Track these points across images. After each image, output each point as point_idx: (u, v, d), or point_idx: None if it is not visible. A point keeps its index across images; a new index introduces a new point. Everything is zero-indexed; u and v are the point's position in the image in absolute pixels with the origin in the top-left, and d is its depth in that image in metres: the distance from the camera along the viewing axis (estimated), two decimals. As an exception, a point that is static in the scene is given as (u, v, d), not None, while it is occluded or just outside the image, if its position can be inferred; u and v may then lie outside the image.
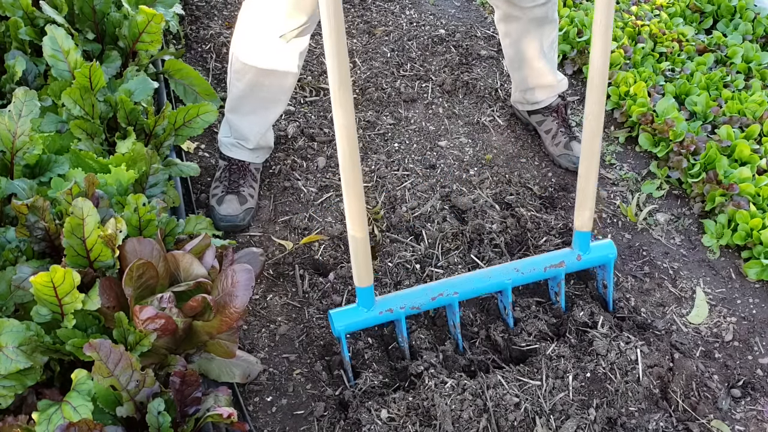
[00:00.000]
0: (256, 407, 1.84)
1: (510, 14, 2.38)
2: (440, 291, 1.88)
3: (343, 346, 1.83)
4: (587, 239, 1.94)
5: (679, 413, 1.83)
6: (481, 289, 1.94)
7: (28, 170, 1.80)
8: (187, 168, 2.09)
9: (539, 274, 1.97)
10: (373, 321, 1.85)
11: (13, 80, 2.02)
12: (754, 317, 2.09)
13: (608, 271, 2.02)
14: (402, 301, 1.86)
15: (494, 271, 1.95)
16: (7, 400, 1.37)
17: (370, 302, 1.80)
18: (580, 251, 1.96)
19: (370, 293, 1.79)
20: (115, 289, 1.53)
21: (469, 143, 2.67)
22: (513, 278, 1.93)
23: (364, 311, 1.81)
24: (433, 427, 1.71)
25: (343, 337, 1.81)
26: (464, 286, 1.91)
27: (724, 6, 3.24)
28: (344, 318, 1.82)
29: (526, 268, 1.94)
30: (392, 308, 1.84)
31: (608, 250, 2.00)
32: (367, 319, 1.83)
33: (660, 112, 2.60)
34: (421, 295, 1.88)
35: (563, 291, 2.02)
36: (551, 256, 1.99)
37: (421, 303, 1.87)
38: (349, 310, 1.83)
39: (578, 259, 1.97)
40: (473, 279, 1.94)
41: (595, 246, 1.98)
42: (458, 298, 1.89)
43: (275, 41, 2.08)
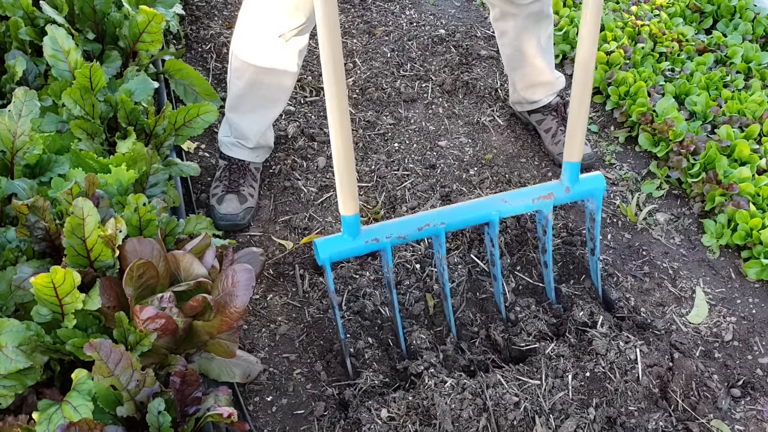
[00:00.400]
0: (256, 407, 1.84)
1: (506, 12, 2.39)
2: (427, 221, 1.84)
3: (329, 276, 1.80)
4: (576, 171, 1.90)
5: (678, 413, 1.83)
6: (468, 221, 1.90)
7: (28, 170, 1.81)
8: (187, 168, 2.09)
9: (527, 205, 1.92)
10: (358, 250, 1.81)
11: (14, 80, 2.02)
12: (754, 317, 2.09)
13: (596, 205, 1.97)
14: (388, 230, 1.82)
15: (481, 203, 1.91)
16: (7, 399, 1.37)
17: (356, 231, 1.77)
18: (569, 183, 1.92)
19: (355, 222, 1.75)
20: (115, 289, 1.54)
21: (469, 143, 2.67)
22: (500, 210, 1.88)
23: (349, 240, 1.77)
24: (433, 426, 1.71)
25: (328, 266, 1.78)
26: (451, 217, 1.86)
27: (724, 6, 3.24)
28: (329, 247, 1.77)
29: (513, 199, 1.90)
30: (378, 238, 1.80)
31: (597, 182, 1.96)
32: (353, 248, 1.79)
33: (660, 112, 2.60)
34: (408, 225, 1.84)
35: (551, 226, 1.97)
36: (539, 188, 1.94)
37: (407, 233, 1.83)
38: (335, 238, 1.79)
39: (567, 191, 1.93)
40: (460, 210, 1.89)
41: (585, 178, 1.94)
42: (445, 229, 1.85)
43: (275, 40, 2.08)
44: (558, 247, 2.21)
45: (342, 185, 1.68)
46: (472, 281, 2.11)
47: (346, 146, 1.63)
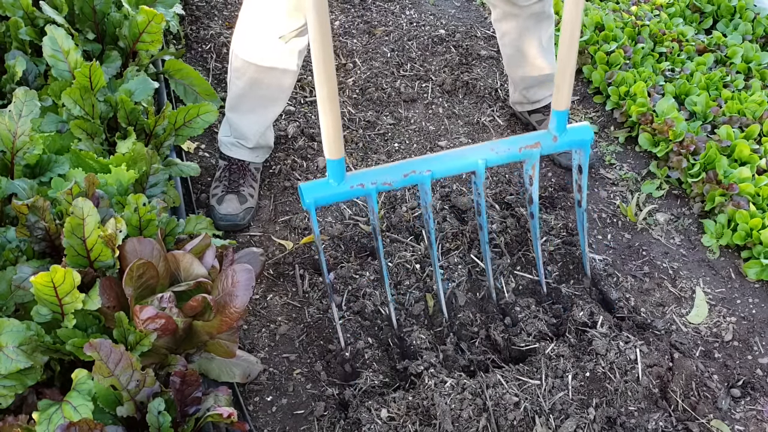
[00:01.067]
0: (256, 407, 1.84)
1: (508, 12, 2.38)
2: (413, 168, 1.83)
3: (313, 219, 1.80)
4: (564, 119, 1.87)
5: (678, 413, 1.83)
6: (455, 168, 1.89)
7: (28, 170, 1.81)
8: (187, 168, 2.09)
9: (514, 154, 1.89)
10: (343, 195, 1.81)
11: (14, 80, 2.02)
12: (754, 317, 2.09)
13: (584, 155, 1.95)
14: (373, 176, 1.81)
15: (468, 151, 1.89)
16: (7, 399, 1.37)
17: (341, 176, 1.76)
18: (556, 132, 1.89)
19: (340, 167, 1.74)
20: (115, 289, 1.54)
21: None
22: (487, 158, 1.86)
23: (334, 185, 1.77)
24: (433, 426, 1.71)
25: (312, 210, 1.78)
26: (437, 165, 1.85)
27: (724, 6, 3.24)
28: (314, 191, 1.77)
29: (500, 148, 1.88)
30: (363, 183, 1.80)
31: (585, 132, 1.92)
32: (338, 193, 1.79)
33: (660, 112, 2.60)
34: (394, 171, 1.83)
35: (537, 175, 1.95)
36: (527, 137, 1.92)
37: (392, 180, 1.82)
38: (320, 183, 1.79)
39: (554, 140, 1.90)
40: (447, 157, 1.87)
41: (572, 128, 1.91)
42: (431, 177, 1.83)
43: (275, 40, 2.08)
44: (558, 247, 2.21)
45: (327, 130, 1.68)
46: (472, 281, 2.11)
47: (331, 92, 1.63)
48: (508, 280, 2.12)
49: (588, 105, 2.90)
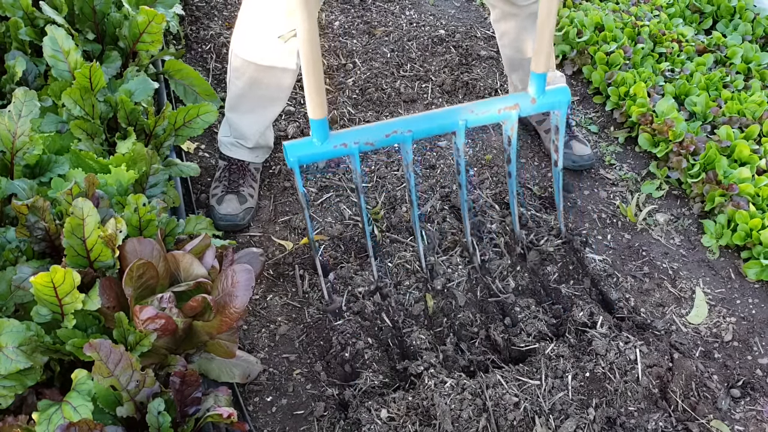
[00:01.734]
0: (256, 407, 1.84)
1: (507, 12, 2.39)
2: (394, 128, 1.88)
3: (297, 177, 1.87)
4: (543, 82, 1.93)
5: (678, 413, 1.83)
6: (436, 128, 1.94)
7: (28, 170, 1.81)
8: (187, 168, 2.09)
9: (493, 116, 1.95)
10: (327, 154, 1.86)
11: (14, 80, 2.02)
12: (754, 317, 2.09)
13: (561, 116, 2.01)
14: (356, 136, 1.86)
15: (449, 112, 1.94)
16: (7, 400, 1.37)
17: (324, 135, 1.81)
18: (535, 95, 1.95)
19: (324, 126, 1.79)
20: (115, 289, 1.54)
21: (469, 143, 2.67)
22: (467, 119, 1.91)
23: (318, 144, 1.82)
24: (433, 426, 1.71)
25: (296, 168, 1.84)
26: (418, 125, 1.90)
27: (724, 6, 3.24)
28: (298, 149, 1.83)
29: (480, 109, 1.93)
30: (346, 143, 1.85)
31: (562, 94, 1.98)
32: (321, 152, 1.84)
33: (660, 113, 2.60)
34: (376, 131, 1.88)
35: (516, 136, 2.02)
36: (506, 98, 1.98)
37: (375, 139, 1.87)
38: (304, 141, 1.84)
39: (533, 102, 1.96)
40: (427, 118, 1.93)
41: (550, 90, 1.96)
42: (412, 137, 1.88)
43: (274, 40, 2.08)
44: (558, 248, 2.21)
45: (310, 91, 1.74)
46: (471, 282, 2.11)
47: (314, 55, 1.67)
48: (507, 281, 2.12)
49: (588, 105, 2.90)
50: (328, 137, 1.83)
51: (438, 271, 2.11)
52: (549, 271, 2.16)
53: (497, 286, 2.11)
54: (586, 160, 2.55)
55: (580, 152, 2.55)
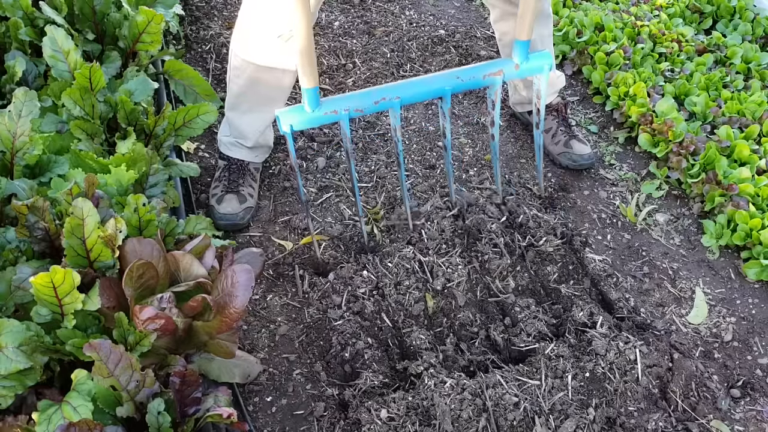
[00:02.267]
0: (256, 407, 1.84)
1: (507, 12, 2.38)
2: (383, 95, 1.96)
3: (290, 144, 1.95)
4: (526, 48, 2.01)
5: (678, 413, 1.83)
6: (422, 94, 2.04)
7: (28, 170, 1.81)
8: (187, 168, 2.09)
9: (478, 81, 2.05)
10: (318, 120, 1.93)
11: (13, 80, 2.02)
12: (754, 317, 2.09)
13: (543, 81, 2.10)
14: (346, 103, 1.93)
15: (435, 78, 2.02)
16: (7, 400, 1.37)
17: (315, 103, 1.88)
18: (518, 61, 2.04)
19: (315, 94, 1.86)
20: (115, 289, 1.54)
21: (469, 143, 2.67)
22: (453, 84, 2.00)
23: (309, 111, 1.89)
24: (433, 426, 1.71)
25: (289, 135, 1.92)
26: (406, 91, 1.98)
27: (724, 6, 3.24)
28: (290, 116, 1.89)
29: (465, 75, 2.02)
30: (336, 110, 1.92)
31: (544, 59, 2.07)
32: (312, 118, 1.91)
33: (659, 113, 2.60)
34: (364, 98, 1.96)
35: (499, 100, 2.11)
36: (490, 64, 2.06)
37: (364, 106, 1.95)
38: (295, 108, 1.90)
39: (516, 68, 2.05)
40: (415, 84, 2.01)
41: (533, 55, 2.05)
42: (400, 103, 1.97)
43: (274, 40, 2.08)
44: (558, 248, 2.21)
45: (302, 61, 1.79)
46: (471, 282, 2.11)
47: (306, 25, 1.72)
48: (507, 281, 2.12)
49: (588, 105, 2.90)
50: (319, 105, 1.89)
51: (437, 271, 2.11)
52: (549, 271, 2.16)
53: (497, 286, 2.11)
54: (586, 159, 2.55)
55: (581, 151, 2.55)
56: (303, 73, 1.83)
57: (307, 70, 1.81)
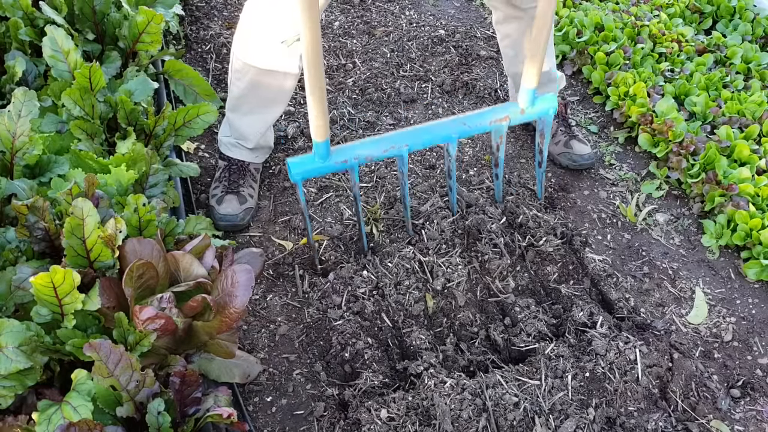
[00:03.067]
0: (256, 407, 1.84)
1: (510, 15, 2.38)
2: (391, 143, 2.00)
3: (300, 192, 1.99)
4: (533, 95, 2.05)
5: (678, 413, 1.83)
6: (430, 141, 2.06)
7: (28, 170, 1.81)
8: (187, 168, 2.09)
9: (484, 127, 2.08)
10: (328, 169, 1.97)
11: (13, 80, 2.02)
12: (754, 317, 2.09)
13: (547, 123, 2.15)
14: (355, 152, 1.97)
15: (442, 125, 2.06)
16: (7, 400, 1.37)
17: (326, 154, 1.92)
18: (524, 106, 2.07)
19: (326, 147, 1.90)
20: (115, 289, 1.54)
21: (468, 143, 2.67)
22: (459, 131, 2.04)
23: (320, 161, 1.93)
24: (433, 426, 1.71)
25: (300, 184, 1.96)
26: (414, 139, 2.02)
27: (724, 6, 3.24)
28: (301, 166, 1.93)
29: (472, 122, 2.05)
30: (347, 159, 1.96)
31: (550, 103, 2.10)
32: (323, 167, 1.95)
33: (659, 113, 2.60)
34: (374, 146, 1.99)
35: (504, 144, 2.17)
36: (496, 110, 2.09)
37: (373, 154, 1.99)
38: (306, 158, 1.94)
39: (521, 113, 2.08)
40: (423, 131, 2.04)
41: (538, 99, 2.08)
42: (408, 150, 2.01)
43: (276, 45, 2.08)
44: (558, 248, 2.21)
45: (315, 114, 1.80)
46: (471, 282, 2.11)
47: (318, 78, 1.72)
48: (507, 281, 2.12)
49: (588, 105, 2.90)
50: (329, 155, 1.92)
51: (437, 271, 2.11)
52: (549, 271, 2.16)
53: (497, 286, 2.11)
54: (586, 159, 2.54)
55: (581, 151, 2.55)
56: (315, 126, 1.83)
57: (319, 123, 1.82)
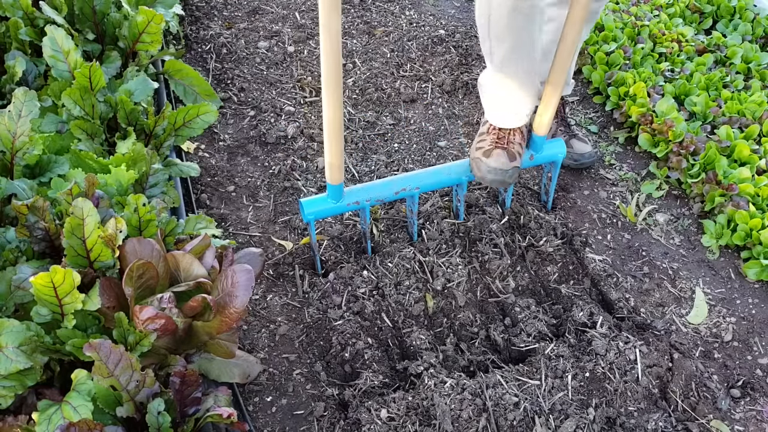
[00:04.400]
0: (256, 407, 1.84)
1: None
2: (403, 186, 2.06)
3: (312, 231, 2.05)
4: (543, 142, 2.11)
5: (678, 413, 1.83)
6: (440, 183, 2.12)
7: (28, 170, 1.81)
8: (187, 168, 2.09)
9: None
10: (340, 210, 2.02)
11: (13, 80, 2.02)
12: (754, 317, 2.09)
13: (556, 167, 2.23)
14: (368, 194, 2.03)
15: (453, 167, 2.12)
16: (7, 400, 1.37)
17: (339, 196, 1.98)
18: (533, 151, 2.15)
19: (339, 189, 1.96)
20: (115, 289, 1.54)
21: (468, 143, 2.67)
22: (469, 174, 2.12)
23: (333, 202, 1.99)
24: (433, 426, 1.71)
25: (312, 224, 2.02)
26: (425, 181, 2.09)
27: (724, 6, 3.24)
28: (314, 206, 1.99)
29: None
30: (359, 200, 2.02)
31: (558, 148, 2.17)
32: (335, 208, 2.00)
33: (659, 113, 2.60)
34: (385, 188, 2.05)
35: (512, 189, 2.27)
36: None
37: (385, 196, 2.05)
38: (319, 199, 2.00)
39: (531, 158, 2.16)
40: (433, 174, 2.11)
41: (548, 145, 2.15)
42: (419, 192, 2.08)
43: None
44: (558, 248, 2.21)
45: (331, 159, 1.84)
46: (471, 282, 2.11)
47: (337, 123, 1.74)
48: (507, 281, 2.12)
49: (588, 105, 2.90)
50: (342, 197, 1.98)
51: (438, 271, 2.11)
52: (549, 271, 2.16)
53: (497, 286, 2.11)
54: (587, 158, 2.54)
55: (581, 150, 2.54)
56: (330, 171, 1.89)
57: (334, 167, 1.88)
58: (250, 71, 2.93)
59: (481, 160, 2.07)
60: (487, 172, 2.06)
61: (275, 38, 3.12)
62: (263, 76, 2.92)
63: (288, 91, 2.86)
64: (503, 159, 2.05)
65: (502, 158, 2.06)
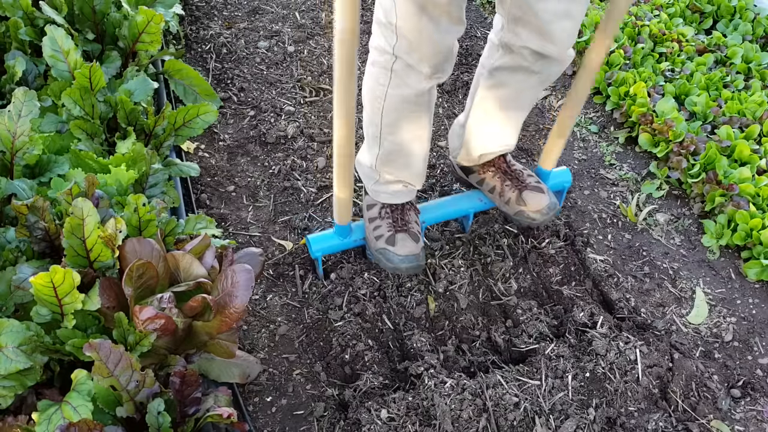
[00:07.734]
0: (256, 407, 1.84)
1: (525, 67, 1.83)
2: None
3: (319, 267, 2.10)
4: (548, 174, 2.16)
5: (678, 413, 1.83)
6: (447, 215, 2.17)
7: (28, 170, 1.81)
8: (187, 168, 2.09)
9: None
10: (347, 245, 2.08)
11: (13, 80, 2.02)
12: (754, 317, 2.09)
13: (561, 196, 2.29)
14: None
15: (459, 200, 2.18)
16: (7, 400, 1.37)
17: (346, 233, 2.04)
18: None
19: (347, 229, 2.02)
20: (115, 289, 1.53)
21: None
22: (475, 207, 2.18)
23: (340, 238, 2.05)
24: (433, 426, 1.71)
25: (319, 260, 2.07)
26: (432, 213, 2.13)
27: (724, 6, 3.24)
28: (321, 243, 2.05)
29: (487, 198, 2.16)
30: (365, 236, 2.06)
31: (564, 177, 2.24)
32: (342, 244, 2.06)
33: (660, 113, 2.60)
34: None
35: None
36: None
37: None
38: (326, 236, 2.05)
39: None
40: (440, 206, 2.16)
41: (552, 174, 2.19)
42: (427, 224, 2.12)
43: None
44: (560, 249, 2.21)
45: (339, 201, 1.88)
46: (474, 284, 2.11)
47: (348, 150, 1.70)
48: (509, 283, 2.12)
49: (588, 105, 2.90)
50: (349, 233, 2.04)
51: (440, 273, 2.11)
52: (551, 273, 2.16)
53: (499, 289, 2.11)
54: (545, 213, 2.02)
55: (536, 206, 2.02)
56: (339, 212, 1.94)
57: (343, 209, 1.92)
58: (250, 71, 2.93)
59: (388, 251, 1.93)
60: (399, 262, 1.91)
61: (275, 38, 3.11)
62: (263, 75, 2.92)
63: (288, 91, 2.85)
64: (409, 243, 1.92)
65: (408, 242, 1.92)
